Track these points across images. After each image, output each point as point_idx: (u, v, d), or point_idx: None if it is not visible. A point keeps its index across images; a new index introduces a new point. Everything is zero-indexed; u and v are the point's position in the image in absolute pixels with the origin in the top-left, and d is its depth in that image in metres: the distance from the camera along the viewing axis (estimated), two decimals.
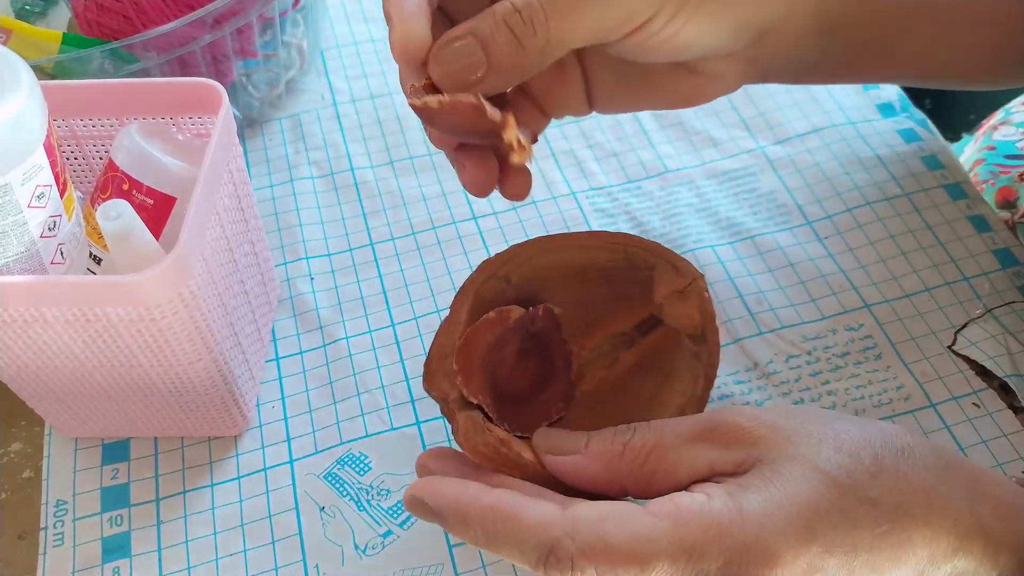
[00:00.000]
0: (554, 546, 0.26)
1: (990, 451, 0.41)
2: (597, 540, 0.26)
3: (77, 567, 0.38)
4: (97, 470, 0.41)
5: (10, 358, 0.36)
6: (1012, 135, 0.60)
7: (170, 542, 0.39)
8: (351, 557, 0.38)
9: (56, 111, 0.39)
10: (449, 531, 0.29)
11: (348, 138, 0.56)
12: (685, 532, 0.25)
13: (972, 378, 0.43)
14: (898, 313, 0.46)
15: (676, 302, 0.35)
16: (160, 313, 0.33)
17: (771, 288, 0.47)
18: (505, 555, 0.27)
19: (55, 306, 0.32)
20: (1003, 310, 0.45)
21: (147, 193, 0.37)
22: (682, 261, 0.35)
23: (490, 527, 0.27)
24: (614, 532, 0.26)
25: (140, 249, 0.33)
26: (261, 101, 0.55)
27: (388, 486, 0.40)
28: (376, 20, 0.64)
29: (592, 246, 0.36)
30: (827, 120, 0.55)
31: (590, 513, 0.26)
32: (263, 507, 0.40)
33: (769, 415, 0.29)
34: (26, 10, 0.54)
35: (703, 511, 0.26)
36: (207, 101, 0.38)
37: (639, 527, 0.26)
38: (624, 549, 0.25)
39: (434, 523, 0.29)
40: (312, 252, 0.50)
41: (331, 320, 0.47)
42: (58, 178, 0.32)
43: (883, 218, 0.50)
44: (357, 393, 0.44)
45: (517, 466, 0.31)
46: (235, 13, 0.48)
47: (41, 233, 0.32)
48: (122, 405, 0.39)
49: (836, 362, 0.44)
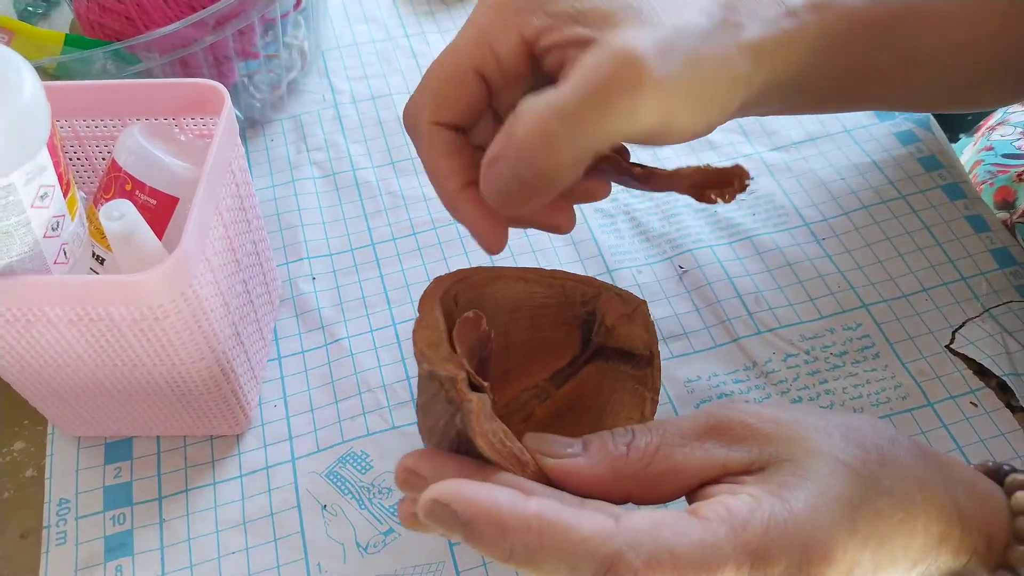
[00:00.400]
0: (615, 560, 0.24)
1: (988, 450, 0.41)
2: (662, 551, 0.24)
3: (79, 565, 0.39)
4: (99, 469, 0.42)
5: (13, 357, 0.36)
6: (1010, 135, 0.60)
7: (172, 540, 0.39)
8: (353, 555, 0.39)
9: (59, 112, 0.39)
10: (476, 544, 0.25)
11: (349, 138, 0.56)
12: (746, 536, 0.24)
13: (970, 377, 0.43)
14: (896, 313, 0.46)
15: (624, 325, 0.36)
16: (163, 312, 0.33)
17: (769, 288, 0.47)
18: (547, 571, 0.24)
19: (58, 306, 0.32)
20: (1001, 309, 0.46)
21: (150, 193, 0.37)
22: (624, 291, 0.37)
23: (534, 540, 0.24)
24: (677, 541, 0.24)
25: (143, 249, 0.33)
26: (263, 102, 0.56)
27: (389, 484, 0.41)
28: (377, 21, 0.64)
29: (529, 278, 0.36)
30: (823, 129, 0.55)
31: (645, 522, 0.25)
32: (265, 505, 0.40)
33: (767, 410, 0.29)
34: (28, 11, 0.55)
35: (757, 514, 0.25)
36: (209, 102, 0.39)
37: (700, 534, 0.24)
38: (691, 559, 0.24)
39: (454, 535, 0.25)
40: (314, 252, 0.50)
41: (333, 319, 0.47)
42: (61, 178, 0.32)
43: (881, 220, 0.50)
44: (358, 392, 0.44)
45: (519, 463, 0.28)
46: (237, 14, 0.48)
47: (44, 233, 0.32)
48: (124, 404, 0.39)
49: (834, 361, 0.44)
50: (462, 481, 0.26)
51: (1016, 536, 0.29)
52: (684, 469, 0.27)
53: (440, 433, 0.30)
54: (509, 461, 0.28)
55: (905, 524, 0.27)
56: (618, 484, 0.28)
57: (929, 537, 0.27)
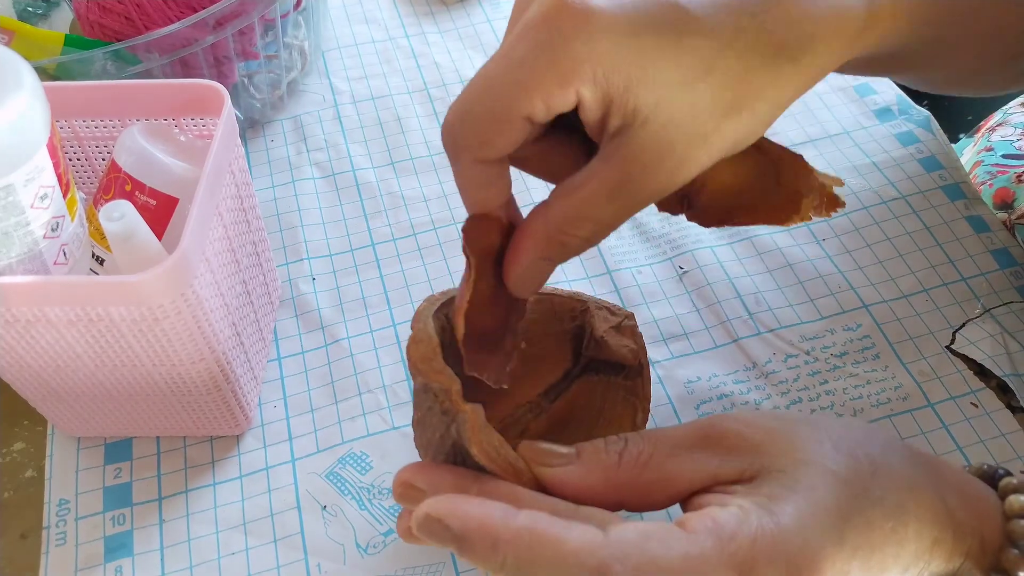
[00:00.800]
0: (603, 571, 0.24)
1: (988, 451, 0.41)
2: (648, 562, 0.24)
3: (79, 566, 0.39)
4: (99, 469, 0.42)
5: (13, 358, 0.36)
6: (1010, 135, 0.60)
7: (172, 541, 0.39)
8: (352, 556, 0.39)
9: (59, 112, 0.39)
10: (469, 556, 0.26)
11: (349, 139, 0.56)
12: (732, 548, 0.25)
13: (970, 378, 0.43)
14: (896, 313, 0.46)
15: (613, 336, 0.37)
16: (163, 313, 0.33)
17: (769, 288, 0.47)
18: None
19: (58, 306, 0.32)
20: (1001, 310, 0.46)
21: (150, 194, 0.37)
22: (611, 304, 0.38)
23: (524, 552, 0.25)
24: (664, 553, 0.24)
25: (143, 250, 0.33)
26: (263, 102, 0.56)
27: (389, 485, 0.41)
28: (377, 21, 0.64)
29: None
30: (823, 131, 0.55)
31: (632, 534, 0.25)
32: (265, 506, 0.40)
33: (759, 420, 0.29)
34: (28, 11, 0.55)
35: (744, 526, 0.25)
36: (209, 102, 0.38)
37: (687, 547, 0.25)
38: (677, 570, 0.24)
39: (447, 547, 0.26)
40: (314, 252, 0.50)
41: (333, 320, 0.47)
42: (61, 179, 0.32)
43: (881, 221, 0.50)
44: (358, 392, 0.44)
45: (514, 472, 0.29)
46: (237, 15, 0.48)
47: (44, 234, 0.32)
48: (124, 405, 0.39)
49: (834, 362, 0.44)
50: (455, 496, 0.26)
51: (1009, 539, 0.29)
52: (675, 478, 0.28)
53: (436, 446, 0.30)
54: (505, 470, 0.28)
55: (896, 533, 0.27)
56: (611, 492, 0.28)
57: (921, 543, 0.27)
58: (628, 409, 0.36)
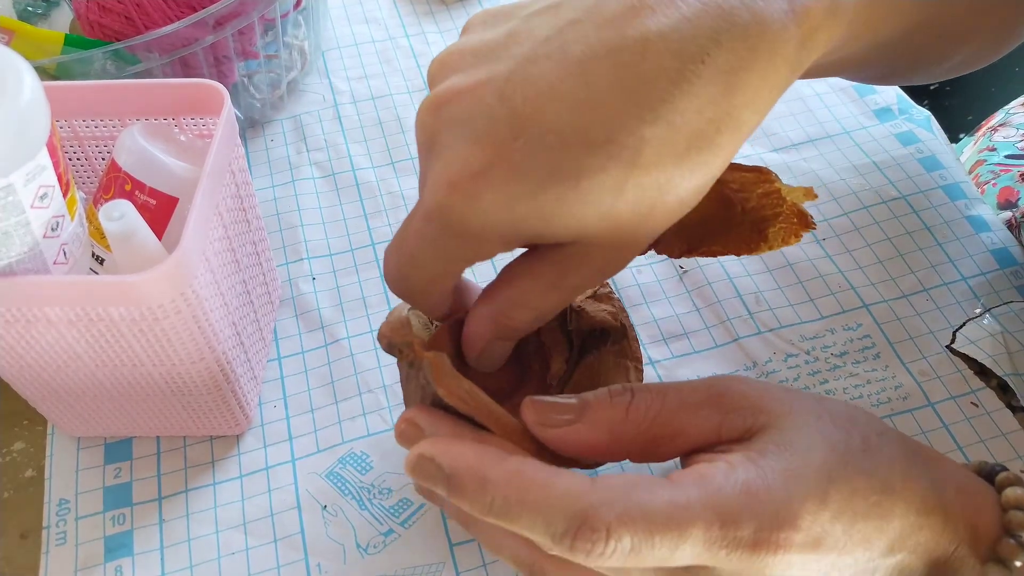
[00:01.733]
0: (589, 514, 0.25)
1: (988, 450, 0.41)
2: (634, 507, 0.25)
3: (79, 566, 0.39)
4: (99, 469, 0.42)
5: (13, 357, 0.36)
6: (1013, 136, 0.60)
7: (172, 541, 0.39)
8: (353, 556, 0.39)
9: (59, 112, 0.39)
10: (459, 496, 0.26)
11: (349, 139, 0.56)
12: (717, 499, 0.25)
13: (970, 377, 0.43)
14: (896, 313, 0.46)
15: (591, 303, 0.37)
16: (162, 313, 0.33)
17: (769, 288, 0.47)
18: (523, 526, 0.26)
19: (58, 306, 0.32)
20: (1002, 309, 0.45)
21: (149, 193, 0.37)
22: None
23: (513, 493, 0.25)
24: (649, 499, 0.25)
25: (142, 249, 0.33)
26: (263, 102, 0.56)
27: (389, 485, 0.41)
28: (377, 21, 0.64)
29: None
30: (822, 131, 0.55)
31: (619, 482, 0.26)
32: (265, 506, 0.40)
33: (767, 386, 0.30)
34: (28, 11, 0.55)
35: (730, 479, 0.26)
36: (209, 102, 0.38)
37: (672, 494, 0.25)
38: (662, 516, 0.25)
39: (437, 488, 0.27)
40: (314, 252, 0.50)
41: (333, 320, 0.47)
42: (61, 179, 0.32)
43: (881, 221, 0.50)
44: (359, 392, 0.44)
45: (492, 415, 0.29)
46: (237, 14, 0.48)
47: (44, 233, 0.32)
48: (124, 404, 0.39)
49: (834, 361, 0.44)
50: (449, 438, 0.28)
51: (1006, 529, 0.29)
52: (682, 434, 0.29)
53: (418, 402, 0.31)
54: (481, 414, 0.29)
55: (880, 507, 0.27)
56: (615, 445, 0.29)
57: (907, 523, 0.28)
58: (621, 372, 0.36)
